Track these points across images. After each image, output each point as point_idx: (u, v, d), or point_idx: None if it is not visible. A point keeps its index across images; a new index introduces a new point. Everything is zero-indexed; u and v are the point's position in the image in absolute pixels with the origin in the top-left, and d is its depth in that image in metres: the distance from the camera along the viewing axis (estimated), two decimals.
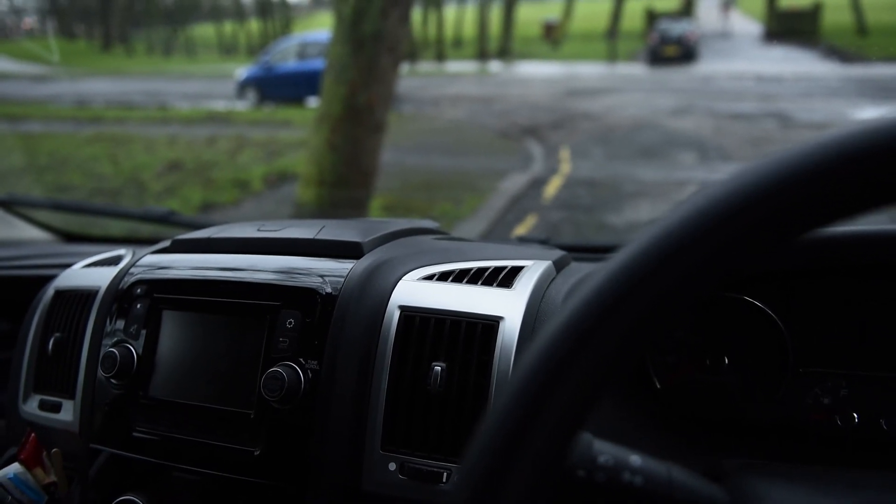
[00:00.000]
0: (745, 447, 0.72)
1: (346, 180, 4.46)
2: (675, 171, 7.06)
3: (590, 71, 18.03)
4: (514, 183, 6.72)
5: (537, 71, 18.74)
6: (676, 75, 16.47)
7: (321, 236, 0.92)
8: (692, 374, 0.78)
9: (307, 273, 0.85)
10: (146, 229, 2.26)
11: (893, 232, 0.65)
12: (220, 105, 13.54)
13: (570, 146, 8.44)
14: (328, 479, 0.77)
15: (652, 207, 5.88)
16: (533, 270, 0.85)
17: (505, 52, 22.61)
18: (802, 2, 26.39)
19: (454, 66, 21.26)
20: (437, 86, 15.82)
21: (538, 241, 1.28)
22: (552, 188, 6.55)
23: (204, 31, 32.46)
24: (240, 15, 30.26)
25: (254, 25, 29.70)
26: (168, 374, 0.86)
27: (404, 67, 19.48)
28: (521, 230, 5.37)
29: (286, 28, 28.24)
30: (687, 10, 29.85)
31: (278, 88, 13.42)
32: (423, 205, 5.92)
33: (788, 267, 0.70)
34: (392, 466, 0.75)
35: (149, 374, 0.87)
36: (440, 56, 23.19)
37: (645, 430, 0.72)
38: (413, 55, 22.65)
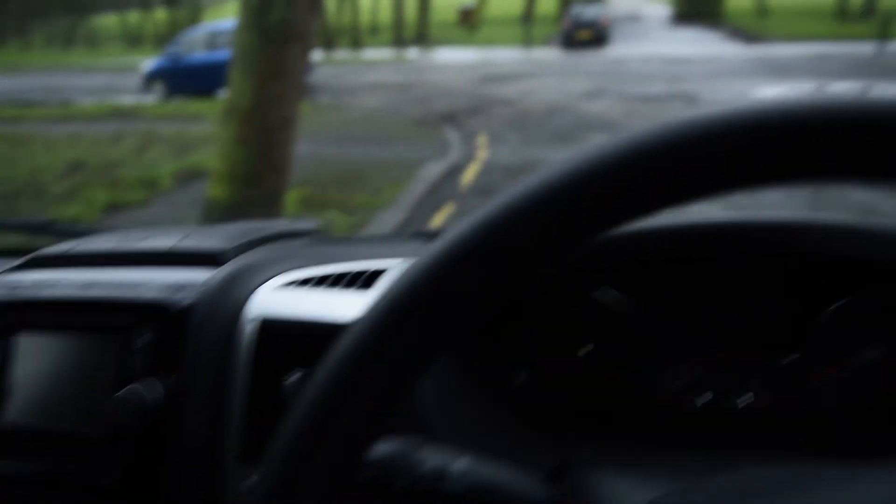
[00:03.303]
0: (603, 436, 0.73)
1: (258, 175, 4.35)
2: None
3: (506, 56, 18.20)
4: (432, 171, 6.71)
5: (454, 57, 18.77)
6: (590, 59, 16.81)
7: (182, 245, 0.89)
8: (550, 367, 0.78)
9: (162, 286, 0.82)
10: (36, 240, 2.14)
11: (736, 222, 0.67)
12: (126, 100, 12.99)
13: (487, 132, 8.49)
14: (187, 497, 0.74)
15: None
16: (397, 271, 0.84)
17: (422, 39, 22.55)
18: None
19: (371, 53, 21.07)
20: (354, 74, 15.65)
21: (431, 235, 1.26)
22: (470, 175, 6.58)
23: (107, 21, 31.01)
24: (145, 4, 29.00)
25: (160, 15, 28.56)
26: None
27: (320, 56, 19.16)
28: (439, 218, 5.39)
29: (195, 17, 27.27)
30: None
31: (188, 80, 12.98)
32: (340, 196, 5.85)
33: (639, 257, 0.71)
34: (253, 479, 0.73)
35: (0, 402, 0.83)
36: (356, 43, 22.92)
37: (501, 428, 0.72)
38: (329, 43, 22.30)
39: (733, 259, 0.74)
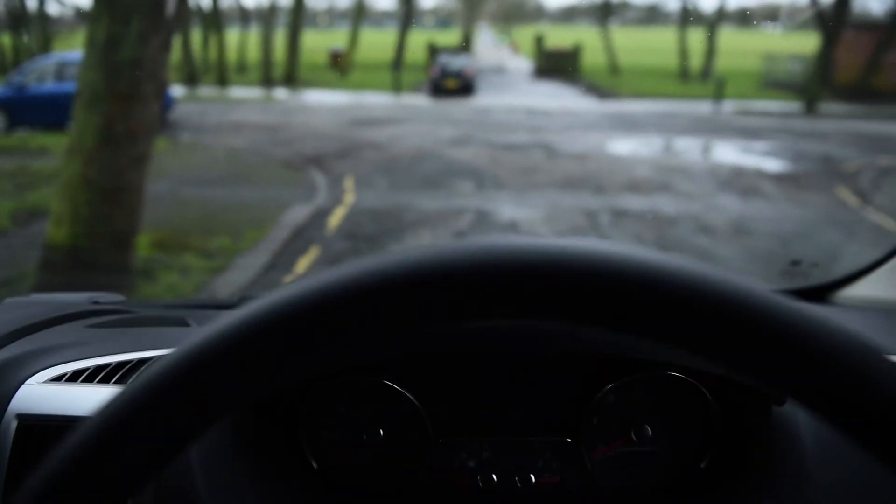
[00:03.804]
0: None
1: (105, 217, 4.09)
2: (454, 199, 7.38)
3: (376, 100, 18.40)
4: (298, 214, 6.61)
5: (324, 99, 18.76)
6: (457, 107, 17.34)
7: None
8: (348, 450, 0.80)
9: None
10: None
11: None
12: None
13: (354, 176, 8.50)
14: None
15: (432, 235, 6.08)
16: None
17: (291, 79, 22.36)
18: (566, 43, 29.19)
19: (238, 91, 20.62)
20: (219, 112, 15.23)
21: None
22: (336, 219, 6.54)
23: None
24: None
25: (6, 39, 26.60)
26: None
27: (182, 91, 18.51)
28: (304, 262, 5.29)
29: (45, 45, 25.61)
30: (466, 45, 31.70)
31: (34, 112, 12.08)
32: (198, 240, 5.61)
33: (423, 351, 0.74)
34: None
35: None
36: (223, 81, 22.35)
37: None
38: (193, 79, 21.60)
39: (508, 354, 0.79)
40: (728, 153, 10.90)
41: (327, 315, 0.31)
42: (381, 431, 0.79)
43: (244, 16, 30.58)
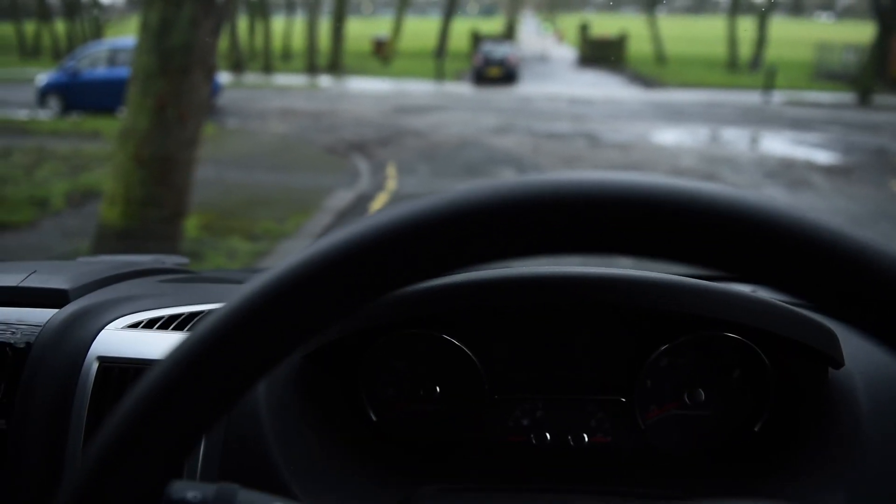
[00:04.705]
0: (451, 472, 0.77)
1: (156, 198, 4.20)
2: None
3: (418, 88, 18.43)
4: (341, 199, 6.69)
5: (367, 87, 18.85)
6: (499, 95, 17.26)
7: (26, 283, 0.86)
8: (407, 404, 0.81)
9: (2, 326, 0.79)
10: None
11: (566, 274, 0.72)
12: (19, 114, 12.29)
13: (396, 163, 8.55)
14: None
15: None
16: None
17: (335, 67, 22.51)
18: (611, 32, 28.76)
19: (283, 79, 20.84)
20: (265, 99, 15.43)
21: None
22: (378, 204, 6.59)
23: (2, 30, 29.36)
24: (43, 15, 27.66)
25: (60, 27, 27.31)
26: None
27: (229, 78, 18.79)
28: None
29: (98, 31, 26.23)
30: (509, 33, 31.47)
31: (87, 96, 12.42)
32: (244, 223, 5.72)
33: (481, 305, 0.76)
34: None
35: None
36: (268, 68, 22.63)
37: (348, 466, 0.74)
38: (239, 66, 21.91)
39: (562, 310, 0.80)
40: (777, 144, 10.64)
41: (416, 242, 0.32)
42: (438, 388, 0.80)
43: (290, 4, 30.87)
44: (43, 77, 13.37)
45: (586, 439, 0.80)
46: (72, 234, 5.42)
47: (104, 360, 0.76)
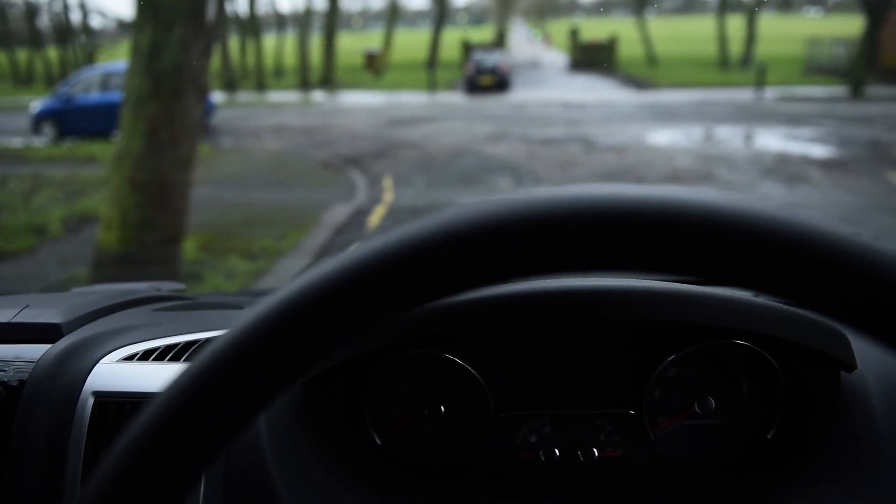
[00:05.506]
0: (459, 492, 0.75)
1: (152, 221, 4.19)
2: (491, 195, 7.37)
3: (411, 100, 18.48)
4: (338, 214, 6.68)
5: (360, 100, 18.90)
6: (492, 103, 17.30)
7: (19, 319, 0.84)
8: (412, 425, 0.80)
9: None
10: None
11: (568, 288, 0.71)
12: (14, 142, 12.31)
13: (392, 175, 8.55)
14: None
15: None
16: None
17: (328, 82, 22.59)
18: (601, 35, 28.88)
19: (276, 95, 20.90)
20: (258, 116, 15.46)
21: None
22: (376, 217, 6.59)
23: None
24: (35, 42, 27.75)
25: (52, 53, 27.39)
26: None
27: (222, 97, 18.84)
28: None
29: (90, 57, 26.32)
30: (500, 41, 31.59)
31: (80, 122, 12.45)
32: (242, 242, 5.71)
33: (481, 323, 0.74)
34: None
35: None
36: (261, 86, 22.70)
37: (361, 486, 0.72)
38: (232, 85, 21.98)
39: (565, 324, 0.78)
40: (772, 140, 10.65)
41: (426, 261, 0.32)
42: (442, 408, 0.79)
43: (280, 21, 31.01)
44: (37, 104, 13.40)
45: (596, 454, 0.78)
46: (69, 260, 5.41)
47: (100, 395, 0.75)
